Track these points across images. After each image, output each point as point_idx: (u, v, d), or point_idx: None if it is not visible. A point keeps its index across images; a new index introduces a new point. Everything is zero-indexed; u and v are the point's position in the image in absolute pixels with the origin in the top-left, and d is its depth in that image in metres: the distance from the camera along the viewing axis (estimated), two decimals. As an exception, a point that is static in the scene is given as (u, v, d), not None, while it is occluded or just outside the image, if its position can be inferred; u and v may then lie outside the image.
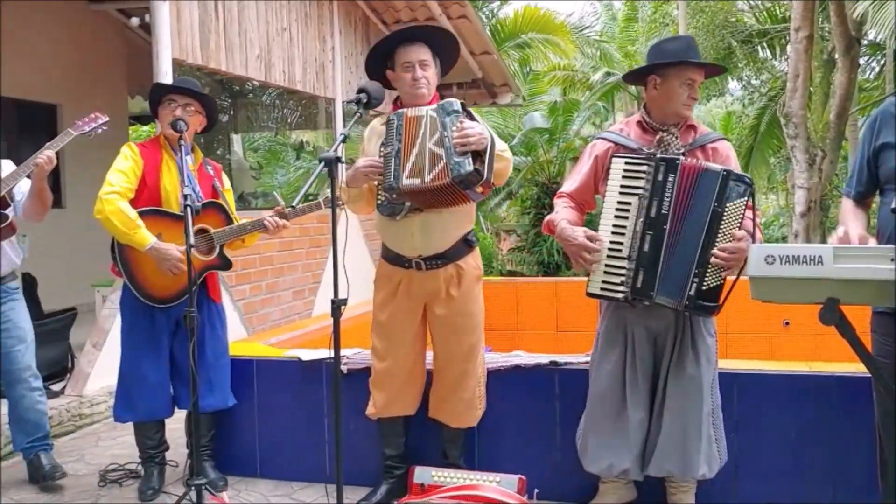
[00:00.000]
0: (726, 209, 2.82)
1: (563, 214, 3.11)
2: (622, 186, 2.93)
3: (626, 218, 2.92)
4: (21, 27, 7.61)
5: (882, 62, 14.16)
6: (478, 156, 2.93)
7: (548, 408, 3.49)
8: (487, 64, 9.96)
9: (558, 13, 17.44)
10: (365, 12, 8.61)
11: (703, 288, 2.83)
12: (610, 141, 3.12)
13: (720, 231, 2.82)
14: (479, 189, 2.99)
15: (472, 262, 3.31)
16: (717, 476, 3.10)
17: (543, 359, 3.54)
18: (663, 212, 2.86)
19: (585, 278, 3.01)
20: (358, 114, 3.02)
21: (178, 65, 5.49)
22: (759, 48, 15.37)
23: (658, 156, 2.91)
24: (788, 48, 12.48)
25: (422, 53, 3.16)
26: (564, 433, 3.42)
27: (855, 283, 2.26)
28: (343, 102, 8.12)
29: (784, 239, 14.89)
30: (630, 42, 17.72)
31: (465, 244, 3.28)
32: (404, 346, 3.35)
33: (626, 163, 2.93)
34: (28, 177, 3.60)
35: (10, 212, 3.64)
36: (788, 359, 5.68)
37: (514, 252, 13.63)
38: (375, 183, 3.13)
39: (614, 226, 2.94)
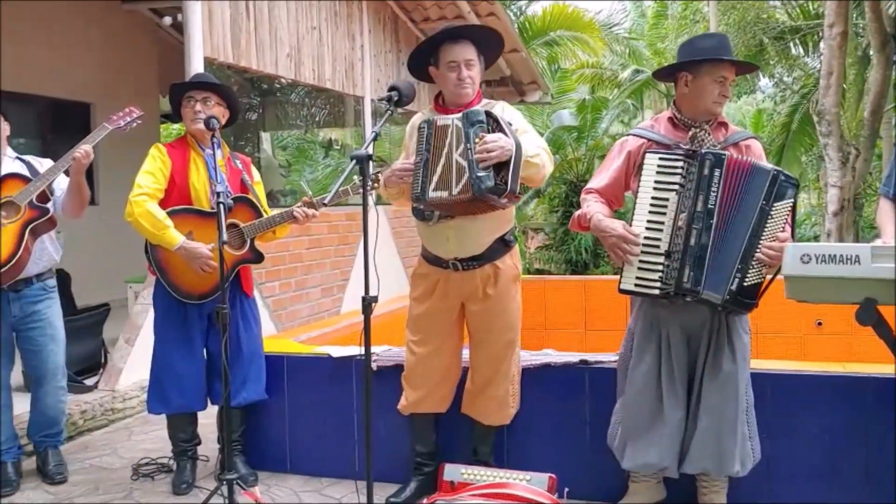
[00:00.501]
0: (773, 208, 2.80)
1: (595, 208, 3.10)
2: (657, 182, 2.91)
3: (664, 213, 2.90)
4: (55, 27, 7.73)
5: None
6: (503, 166, 2.90)
7: (578, 407, 3.48)
8: (516, 62, 9.94)
9: (587, 10, 17.32)
10: (394, 10, 8.63)
11: (745, 284, 2.82)
12: (642, 137, 3.10)
13: (766, 229, 2.80)
14: (504, 199, 2.96)
15: (510, 261, 3.30)
16: (750, 476, 3.07)
17: (573, 357, 3.53)
18: (710, 206, 2.84)
19: (614, 276, 3.00)
20: (389, 112, 3.02)
21: (209, 63, 5.54)
22: (792, 45, 15.18)
23: (703, 150, 2.89)
24: (822, 45, 12.31)
25: (468, 52, 3.14)
26: (594, 432, 3.41)
27: (892, 283, 2.23)
28: (372, 100, 8.15)
29: (816, 238, 14.70)
30: (659, 39, 17.59)
31: (503, 244, 3.26)
32: (439, 344, 3.35)
33: (661, 158, 2.92)
34: (66, 172, 3.65)
35: (49, 206, 3.69)
36: (821, 359, 5.61)
37: (541, 250, 13.59)
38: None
39: (649, 221, 2.91)
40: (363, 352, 2.68)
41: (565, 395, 3.50)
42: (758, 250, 2.80)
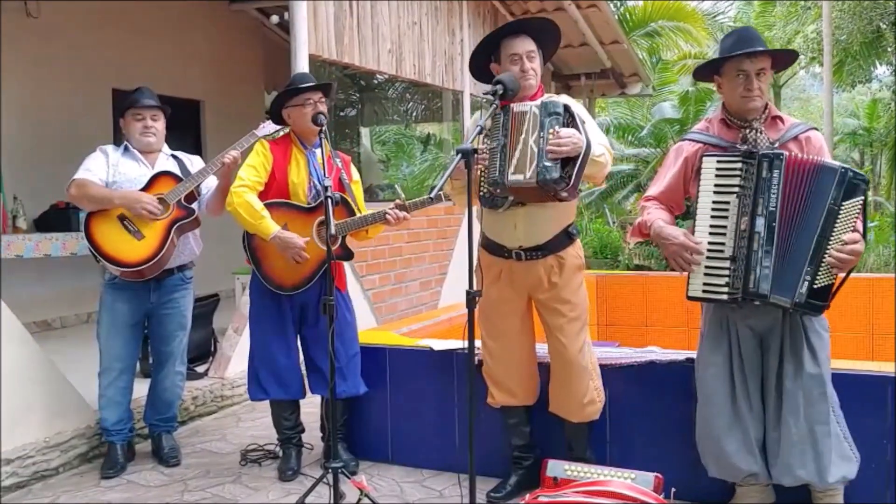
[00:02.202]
0: (842, 207, 2.71)
1: (655, 215, 3.06)
2: (716, 185, 2.87)
3: (725, 217, 2.86)
4: (166, 28, 8.05)
5: None
6: (570, 161, 2.94)
7: (683, 405, 3.37)
8: (617, 53, 9.78)
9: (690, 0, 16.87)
10: (494, 5, 8.62)
11: (815, 287, 2.73)
12: (697, 141, 3.04)
13: (835, 229, 2.71)
14: (565, 193, 2.99)
15: (573, 252, 3.31)
16: (871, 479, 2.96)
17: (679, 356, 3.44)
18: (771, 209, 2.78)
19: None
20: (494, 105, 3.03)
21: (313, 60, 5.66)
22: (912, 30, 14.36)
23: (760, 152, 2.82)
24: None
25: (528, 45, 3.20)
26: (699, 433, 3.32)
27: None
28: (471, 95, 8.16)
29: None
30: (767, 28, 16.95)
31: (566, 236, 3.28)
32: (510, 336, 3.36)
33: (719, 161, 2.87)
34: (215, 175, 3.81)
35: (195, 206, 3.88)
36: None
37: (641, 246, 13.31)
38: (479, 174, 3.12)
39: (711, 226, 2.88)
40: (466, 345, 2.68)
41: (670, 393, 3.42)
42: (827, 253, 2.71)
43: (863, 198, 2.73)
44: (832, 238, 2.72)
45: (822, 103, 13.98)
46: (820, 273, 2.73)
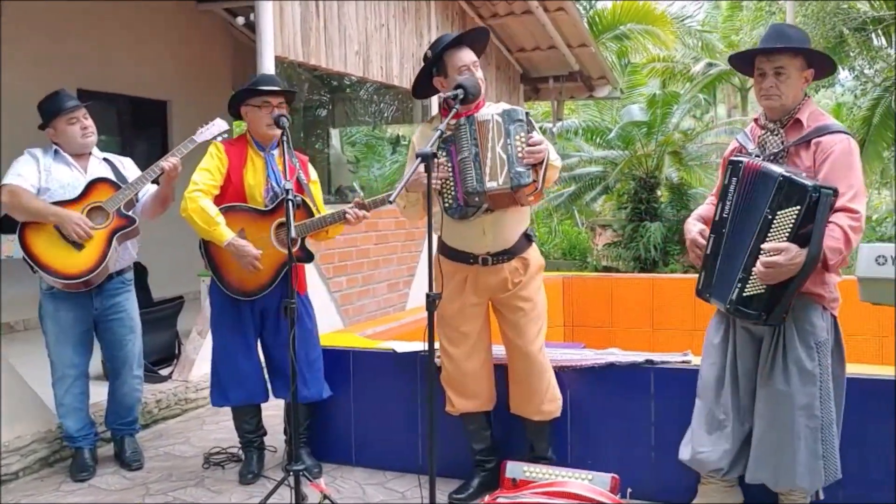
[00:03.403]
0: (777, 216, 2.69)
1: (699, 211, 3.17)
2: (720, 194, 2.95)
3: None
4: (133, 27, 7.98)
5: None
6: (536, 166, 3.08)
7: (643, 407, 3.44)
8: (585, 56, 9.84)
9: (658, 3, 17.03)
10: (462, 7, 8.64)
11: (745, 294, 2.76)
12: (738, 142, 3.08)
13: (766, 239, 2.71)
14: (531, 198, 3.13)
15: (534, 253, 3.41)
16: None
17: (639, 357, 3.49)
18: (724, 215, 2.85)
19: (683, 275, 3.02)
20: (454, 109, 3.07)
21: (280, 61, 5.65)
22: (874, 36, 14.61)
23: (730, 158, 2.90)
24: (905, 36, 11.83)
25: (472, 55, 3.29)
26: (659, 433, 3.37)
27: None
28: (439, 97, 8.17)
29: (898, 237, 14.16)
30: (734, 31, 17.19)
31: (526, 239, 3.38)
32: (472, 343, 3.39)
33: (728, 169, 2.94)
34: (155, 181, 3.78)
35: (133, 212, 3.83)
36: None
37: (609, 247, 13.43)
38: (437, 188, 3.15)
39: (709, 232, 2.96)
40: (427, 348, 2.71)
41: (630, 395, 3.47)
42: (759, 261, 2.71)
43: (801, 208, 2.64)
44: (762, 252, 2.70)
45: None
46: (751, 281, 2.75)
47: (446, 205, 3.18)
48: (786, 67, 2.85)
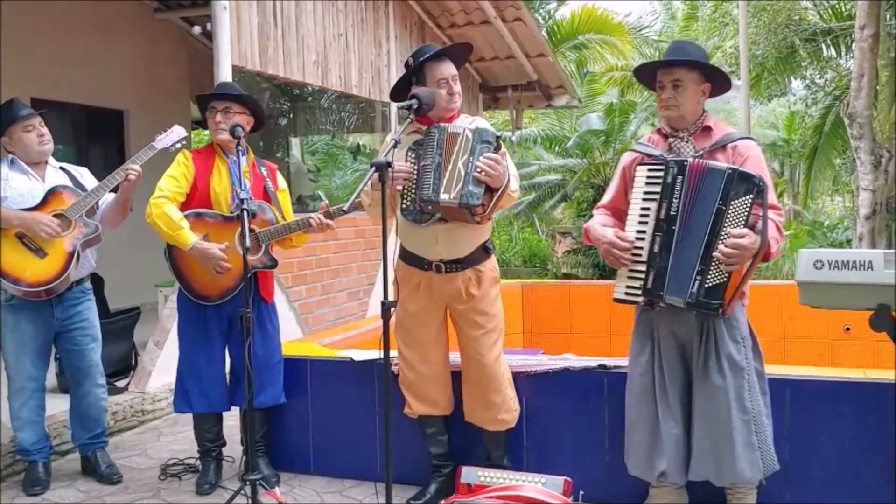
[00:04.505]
0: (730, 207, 2.81)
1: (597, 220, 3.21)
2: (644, 193, 2.99)
3: (646, 223, 2.98)
4: (89, 36, 7.90)
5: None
6: (491, 190, 3.12)
7: (597, 411, 3.50)
8: (543, 66, 9.95)
9: (616, 13, 17.27)
10: (420, 16, 8.69)
11: (707, 286, 2.83)
12: (637, 151, 3.17)
13: (724, 229, 2.82)
14: (478, 219, 3.16)
15: (490, 265, 3.42)
16: (772, 480, 3.09)
17: (592, 362, 3.55)
18: (672, 213, 2.91)
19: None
20: (409, 119, 3.13)
21: (237, 71, 5.64)
22: (824, 46, 14.99)
23: (669, 158, 2.96)
24: (853, 47, 12.14)
25: (452, 69, 3.34)
26: (613, 436, 3.43)
27: (907, 289, 2.23)
28: (399, 106, 8.20)
29: (849, 242, 14.50)
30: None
31: (484, 250, 3.39)
32: (427, 348, 3.43)
33: (649, 169, 3.00)
34: (113, 189, 3.76)
35: (94, 220, 3.81)
36: (850, 365, 5.57)
37: (569, 255, 13.57)
38: (399, 188, 3.21)
39: (637, 231, 3.00)
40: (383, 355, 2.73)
41: (584, 399, 3.53)
42: (716, 251, 2.82)
43: (752, 196, 2.79)
44: (722, 238, 2.81)
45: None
46: (711, 271, 2.83)
47: (403, 206, 3.22)
48: (683, 80, 3.02)
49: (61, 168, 3.94)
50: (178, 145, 3.84)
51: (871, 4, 10.61)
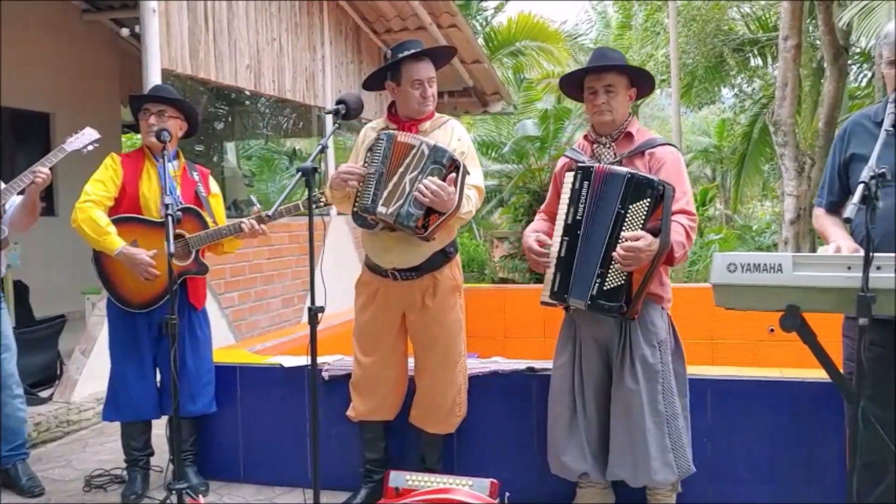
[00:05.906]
0: (629, 210, 2.88)
1: (533, 225, 3.27)
2: (568, 199, 3.05)
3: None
4: (15, 36, 7.67)
5: (872, 71, 14.24)
6: (435, 213, 3.05)
7: (525, 413, 3.55)
8: (478, 72, 10.02)
9: (552, 21, 17.54)
10: (356, 22, 8.68)
11: (605, 288, 2.90)
12: (568, 157, 3.23)
13: (622, 232, 2.88)
14: (420, 237, 3.12)
15: (448, 272, 3.37)
16: (691, 481, 3.16)
17: (521, 365, 3.60)
18: (578, 217, 2.98)
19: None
20: (336, 125, 3.10)
21: (168, 74, 5.56)
22: (751, 56, 15.47)
23: (579, 164, 3.03)
24: (778, 57, 12.56)
25: (430, 71, 3.29)
26: (541, 438, 3.46)
27: (814, 290, 2.32)
28: (325, 111, 8.17)
29: (775, 246, 14.95)
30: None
31: (443, 255, 3.33)
32: (384, 353, 3.41)
33: (572, 176, 3.05)
34: (20, 192, 3.66)
35: (3, 225, 3.69)
36: (775, 365, 5.74)
37: (506, 259, 13.67)
38: (349, 190, 3.18)
39: (560, 237, 3.06)
40: (318, 361, 2.73)
41: (513, 402, 3.57)
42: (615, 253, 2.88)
43: (650, 200, 2.83)
44: (621, 241, 2.86)
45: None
46: (610, 274, 2.90)
47: (353, 210, 3.18)
48: (614, 85, 3.08)
49: None
50: (90, 147, 3.76)
51: (793, 16, 11.00)
